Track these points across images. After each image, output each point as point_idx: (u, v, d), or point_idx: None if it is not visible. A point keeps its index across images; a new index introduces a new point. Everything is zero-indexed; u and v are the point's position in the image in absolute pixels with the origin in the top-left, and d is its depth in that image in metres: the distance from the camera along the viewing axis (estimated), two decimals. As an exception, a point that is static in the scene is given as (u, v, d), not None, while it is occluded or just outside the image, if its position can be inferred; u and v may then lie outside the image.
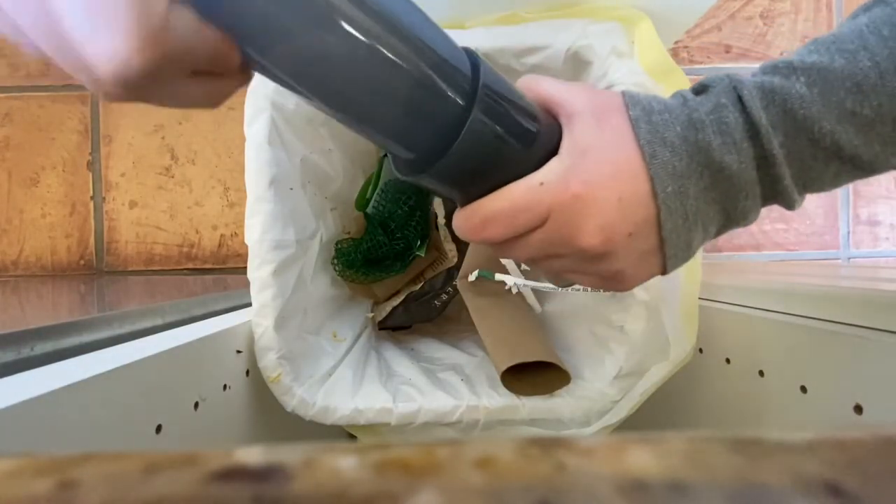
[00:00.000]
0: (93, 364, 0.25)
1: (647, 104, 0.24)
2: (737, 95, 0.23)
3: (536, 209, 0.23)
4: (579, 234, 0.23)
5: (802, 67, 0.23)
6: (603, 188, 0.23)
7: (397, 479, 0.07)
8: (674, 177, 0.23)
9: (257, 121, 0.39)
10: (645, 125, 0.23)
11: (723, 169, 0.23)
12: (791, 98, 0.23)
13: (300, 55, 0.19)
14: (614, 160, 0.23)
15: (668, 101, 0.25)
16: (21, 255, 0.81)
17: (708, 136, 0.23)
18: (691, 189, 0.23)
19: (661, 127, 0.23)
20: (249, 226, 0.39)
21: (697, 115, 0.23)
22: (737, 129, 0.23)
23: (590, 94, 0.25)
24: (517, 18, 0.42)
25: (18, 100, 0.81)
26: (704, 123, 0.23)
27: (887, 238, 0.87)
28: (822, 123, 0.22)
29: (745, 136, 0.23)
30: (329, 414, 0.40)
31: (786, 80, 0.23)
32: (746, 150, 0.23)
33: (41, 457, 0.08)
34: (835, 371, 0.33)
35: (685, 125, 0.23)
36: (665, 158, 0.23)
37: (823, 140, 0.23)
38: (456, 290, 0.57)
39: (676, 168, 0.23)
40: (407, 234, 0.58)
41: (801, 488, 0.07)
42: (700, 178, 0.23)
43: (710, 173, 0.23)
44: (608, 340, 0.43)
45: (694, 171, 0.23)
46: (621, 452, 0.08)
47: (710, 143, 0.23)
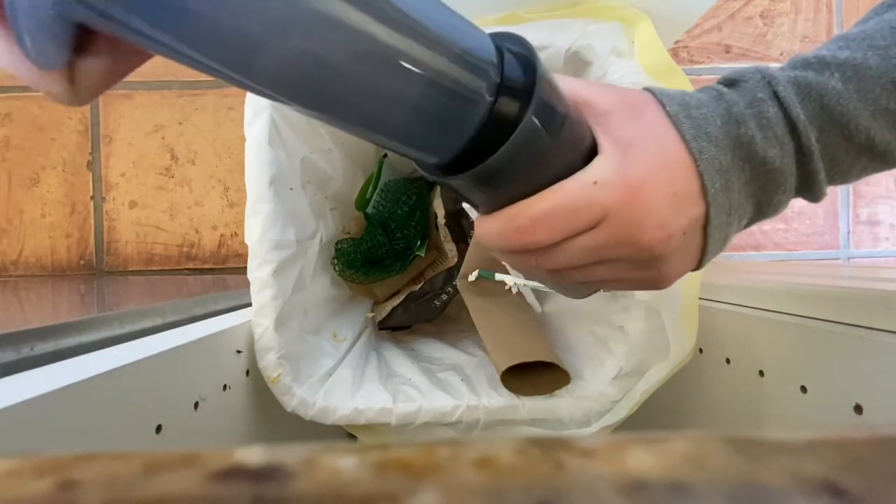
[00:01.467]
0: (93, 364, 0.25)
1: (681, 99, 0.23)
2: (772, 90, 0.23)
3: (593, 209, 0.22)
4: (641, 233, 0.22)
5: (836, 63, 0.23)
6: (657, 183, 0.22)
7: (397, 479, 0.07)
8: (720, 172, 0.23)
9: (257, 121, 0.39)
10: (686, 120, 0.23)
11: (766, 163, 0.23)
12: (827, 94, 0.23)
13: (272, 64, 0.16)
14: (662, 153, 0.22)
15: (700, 95, 0.24)
16: (21, 255, 0.81)
17: (751, 130, 0.23)
18: (735, 184, 0.23)
19: (703, 122, 0.23)
20: (249, 226, 0.39)
21: (738, 109, 0.23)
22: (778, 123, 0.23)
23: (616, 90, 0.24)
24: (517, 18, 0.42)
25: (18, 100, 0.81)
26: (745, 117, 0.23)
27: (887, 238, 0.87)
28: (858, 120, 0.23)
29: (786, 131, 0.23)
30: (329, 414, 0.40)
31: (820, 76, 0.23)
32: (788, 145, 0.23)
33: (41, 457, 0.08)
34: (835, 371, 0.33)
35: (725, 119, 0.23)
36: (711, 154, 0.22)
37: (858, 136, 0.23)
38: (456, 290, 0.57)
39: (722, 163, 0.23)
40: (407, 234, 0.58)
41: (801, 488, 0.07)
42: (742, 172, 0.23)
43: (752, 167, 0.23)
44: (608, 340, 0.43)
45: (737, 165, 0.23)
46: (621, 452, 0.08)
47: (753, 138, 0.23)
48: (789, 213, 0.86)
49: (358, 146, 0.55)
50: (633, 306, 0.40)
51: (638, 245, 0.22)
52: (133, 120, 0.82)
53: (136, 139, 0.82)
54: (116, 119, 0.82)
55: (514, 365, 0.41)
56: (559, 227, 0.22)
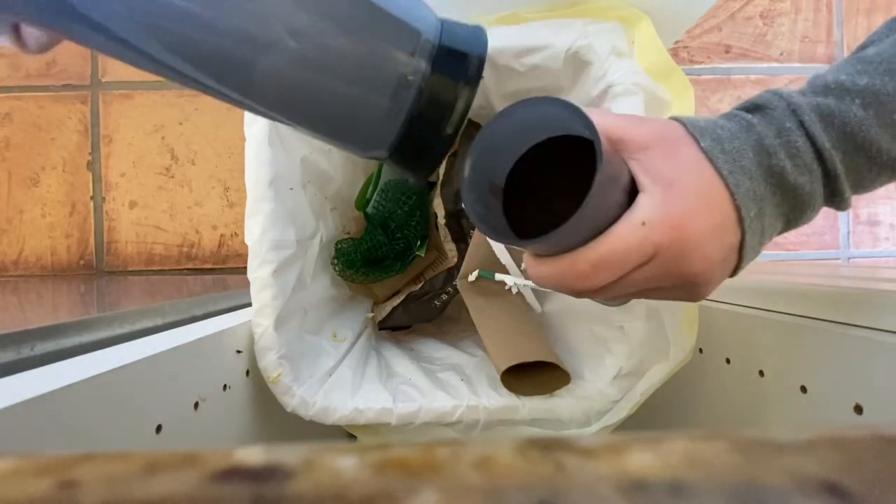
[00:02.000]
0: (93, 364, 0.25)
1: (713, 132, 0.25)
2: (798, 120, 0.25)
3: (644, 249, 0.23)
4: (688, 266, 0.24)
5: (856, 90, 0.24)
6: (700, 219, 0.24)
7: (397, 479, 0.07)
8: (755, 201, 0.24)
9: (257, 121, 0.39)
10: (720, 155, 0.24)
11: (796, 189, 0.25)
12: (850, 122, 0.24)
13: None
14: (700, 190, 0.24)
15: (729, 125, 0.25)
16: (21, 255, 0.81)
17: (782, 161, 0.24)
18: (767, 209, 0.25)
19: (737, 155, 0.24)
20: (249, 226, 0.39)
21: (769, 142, 0.24)
22: (806, 152, 0.24)
23: (649, 126, 0.25)
24: (517, 18, 0.42)
25: (18, 100, 0.81)
26: (776, 148, 0.24)
27: (887, 238, 0.87)
28: (879, 143, 0.24)
29: (814, 158, 0.25)
30: (329, 414, 0.40)
31: (841, 102, 0.24)
32: (816, 171, 0.25)
33: (41, 457, 0.08)
34: (835, 371, 0.33)
35: (756, 151, 0.25)
36: (747, 186, 0.24)
37: (880, 157, 0.25)
38: (456, 290, 0.57)
39: (756, 193, 0.24)
40: (407, 234, 0.58)
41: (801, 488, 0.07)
42: (773, 198, 0.25)
43: (783, 192, 0.25)
44: (608, 340, 0.43)
45: (769, 192, 0.25)
46: (621, 452, 0.08)
47: (785, 168, 0.24)
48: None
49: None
50: (633, 306, 0.40)
51: (684, 276, 0.25)
52: (133, 120, 0.82)
53: (136, 139, 0.82)
54: (116, 119, 0.82)
55: (514, 365, 0.41)
56: (615, 269, 0.24)
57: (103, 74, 0.82)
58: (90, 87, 0.82)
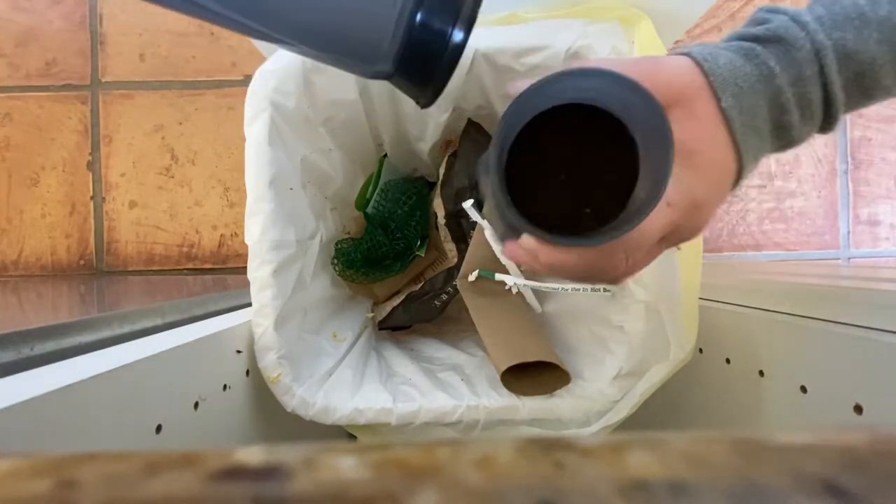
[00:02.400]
0: (93, 364, 0.25)
1: (734, 84, 0.24)
2: (819, 65, 0.24)
3: (667, 226, 0.24)
4: (700, 229, 0.25)
5: (876, 21, 0.23)
6: (715, 192, 0.25)
7: (397, 479, 0.07)
8: (756, 156, 0.25)
9: (257, 121, 0.39)
10: (738, 116, 0.24)
11: (796, 136, 0.25)
12: (864, 62, 0.24)
13: None
14: (717, 162, 0.24)
15: (749, 70, 0.24)
16: (21, 255, 0.81)
17: (792, 115, 0.25)
18: (765, 152, 0.26)
19: (752, 114, 0.24)
20: (249, 226, 0.39)
21: (785, 97, 0.24)
22: (817, 105, 0.25)
23: (666, 75, 0.24)
24: (517, 18, 0.42)
25: (18, 100, 0.81)
26: (790, 103, 0.24)
27: (887, 238, 0.87)
28: (884, 82, 0.24)
29: (822, 108, 0.25)
30: (329, 414, 0.39)
31: (859, 38, 0.24)
32: (818, 118, 0.25)
33: (41, 457, 0.08)
34: (835, 371, 0.33)
35: (771, 105, 0.24)
36: (754, 146, 0.25)
37: (879, 94, 0.25)
38: (456, 290, 0.57)
39: (760, 150, 0.25)
40: (407, 234, 0.58)
41: (801, 488, 0.07)
42: (772, 143, 0.26)
43: (782, 139, 0.26)
44: (608, 340, 0.43)
45: (770, 141, 0.25)
46: (621, 452, 0.08)
47: (793, 123, 0.25)
48: (789, 213, 0.86)
49: (358, 146, 0.55)
50: (633, 306, 0.40)
51: (692, 234, 0.26)
52: (133, 120, 0.82)
53: (136, 139, 0.82)
54: (116, 119, 0.82)
55: (514, 365, 0.41)
56: (643, 251, 0.25)
57: (103, 74, 0.82)
58: (90, 87, 0.82)
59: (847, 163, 0.86)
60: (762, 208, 0.86)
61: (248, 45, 0.80)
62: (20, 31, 0.82)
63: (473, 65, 0.42)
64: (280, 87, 0.39)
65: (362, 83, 0.44)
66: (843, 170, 0.86)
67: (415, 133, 0.54)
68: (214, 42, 0.82)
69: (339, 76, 0.42)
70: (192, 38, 0.82)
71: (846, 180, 0.86)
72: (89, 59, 0.82)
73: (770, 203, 0.86)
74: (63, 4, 0.82)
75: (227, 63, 0.82)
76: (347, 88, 0.43)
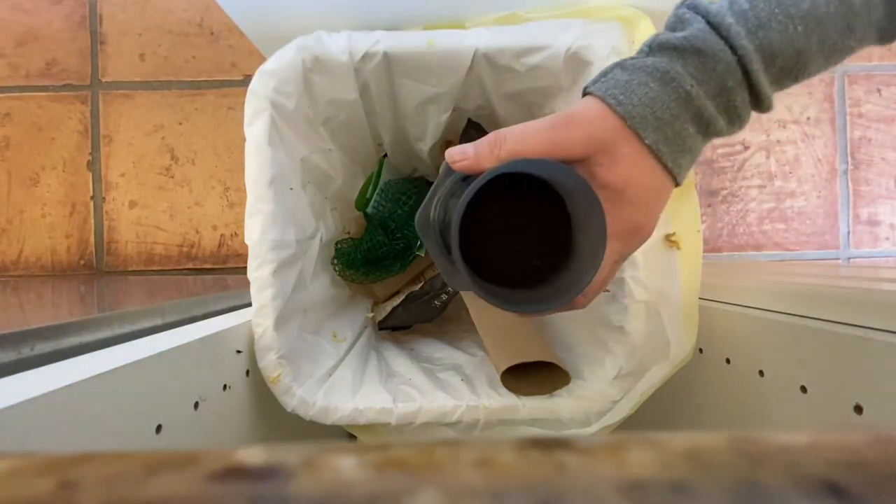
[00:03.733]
0: (93, 364, 0.25)
1: (654, 120, 0.24)
2: (743, 70, 0.24)
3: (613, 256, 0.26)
4: (645, 240, 0.27)
5: (799, 17, 0.23)
6: (653, 212, 0.26)
7: (397, 479, 0.07)
8: (692, 162, 0.26)
9: (257, 121, 0.39)
10: (665, 147, 0.24)
11: (727, 133, 0.26)
12: (790, 56, 0.24)
13: None
14: (651, 188, 0.25)
15: (666, 97, 0.24)
16: (21, 255, 0.81)
17: (719, 126, 0.25)
18: (696, 154, 0.26)
19: (678, 140, 0.25)
20: (249, 226, 0.39)
21: (708, 113, 0.24)
22: (744, 106, 0.25)
23: (580, 130, 0.25)
24: (517, 18, 0.42)
25: (18, 100, 0.81)
26: (715, 115, 0.25)
27: (887, 238, 0.87)
28: (812, 68, 0.24)
29: (748, 106, 0.25)
30: (329, 414, 0.40)
31: (783, 35, 0.23)
32: (748, 114, 0.25)
33: (41, 457, 0.08)
34: (835, 371, 0.33)
35: (697, 123, 0.25)
36: (688, 160, 0.26)
37: (808, 76, 0.25)
38: (456, 290, 0.57)
39: (694, 158, 0.26)
40: (407, 234, 0.58)
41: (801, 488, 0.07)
42: (703, 143, 0.26)
43: (716, 136, 0.26)
44: (608, 340, 0.43)
45: (701, 143, 0.26)
46: (621, 452, 0.08)
47: (721, 129, 0.25)
48: (789, 213, 0.86)
49: (358, 146, 0.55)
50: (633, 306, 0.40)
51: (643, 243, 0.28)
52: (133, 120, 0.82)
53: (136, 139, 0.82)
54: (116, 119, 0.82)
55: (514, 365, 0.41)
56: (598, 285, 0.27)
57: (103, 74, 0.82)
58: (90, 87, 0.82)
59: (847, 163, 0.86)
60: (762, 208, 0.86)
61: (248, 45, 0.80)
62: (20, 31, 0.82)
63: (473, 65, 0.42)
64: (280, 87, 0.39)
65: (362, 83, 0.44)
66: (843, 170, 0.86)
67: (415, 133, 0.54)
68: (214, 42, 0.82)
69: (339, 76, 0.42)
70: (192, 38, 0.82)
71: (846, 180, 0.86)
72: (89, 59, 0.82)
73: (770, 203, 0.86)
74: (63, 4, 0.82)
75: (227, 63, 0.82)
76: (347, 88, 0.43)
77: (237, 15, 0.45)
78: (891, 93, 0.86)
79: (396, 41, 0.41)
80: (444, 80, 0.44)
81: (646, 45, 0.26)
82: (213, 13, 0.82)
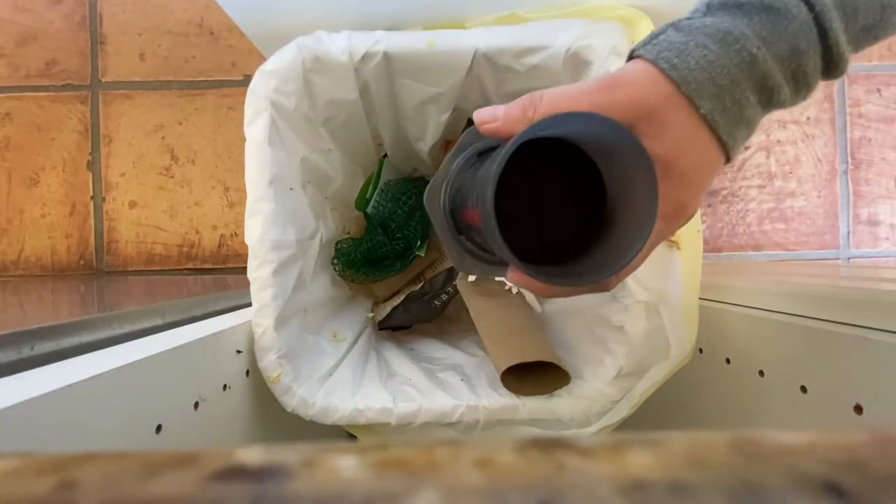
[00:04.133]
0: (93, 364, 0.25)
1: (711, 86, 0.21)
2: (820, 29, 0.21)
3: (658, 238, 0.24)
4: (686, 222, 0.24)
5: None
6: (701, 188, 0.23)
7: (397, 479, 0.07)
8: (747, 138, 0.23)
9: (257, 121, 0.39)
10: (721, 117, 0.21)
11: (790, 104, 0.23)
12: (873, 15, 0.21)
13: None
14: (701, 163, 0.22)
15: (730, 61, 0.21)
16: (21, 255, 0.81)
17: (783, 95, 0.22)
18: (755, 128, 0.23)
19: (737, 110, 0.22)
20: (249, 226, 0.39)
21: (774, 80, 0.21)
22: (814, 73, 0.22)
23: (625, 92, 0.22)
24: (517, 18, 0.42)
25: (18, 100, 0.81)
26: (780, 84, 0.22)
27: (887, 238, 0.87)
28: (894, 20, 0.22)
29: (819, 72, 0.22)
30: (329, 414, 0.39)
31: None
32: (816, 81, 0.22)
33: (41, 457, 0.08)
34: (835, 371, 0.33)
35: (760, 91, 0.22)
36: (742, 135, 0.23)
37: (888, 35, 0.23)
38: (456, 290, 0.57)
39: (751, 132, 0.23)
40: (407, 234, 0.58)
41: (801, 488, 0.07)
42: (764, 114, 0.23)
43: (776, 107, 0.23)
44: (608, 340, 0.43)
45: (763, 115, 0.23)
46: (621, 452, 0.08)
47: (784, 100, 0.22)
48: (789, 213, 0.86)
49: (358, 146, 0.55)
50: (633, 306, 0.40)
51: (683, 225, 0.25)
52: (133, 120, 0.82)
53: (136, 139, 0.82)
54: (116, 119, 0.82)
55: (514, 365, 0.41)
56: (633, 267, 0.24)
57: (103, 74, 0.82)
58: (90, 87, 0.82)
59: (847, 163, 0.86)
60: (762, 208, 0.86)
61: (248, 45, 0.80)
62: (20, 31, 0.82)
63: (473, 65, 0.42)
64: (280, 87, 0.39)
65: (362, 83, 0.44)
66: (843, 170, 0.86)
67: (415, 133, 0.54)
68: (214, 42, 0.82)
69: (339, 76, 0.42)
70: (192, 38, 0.82)
71: (846, 180, 0.86)
72: (89, 59, 0.82)
73: (770, 203, 0.86)
74: (63, 4, 0.82)
75: (227, 63, 0.82)
76: (347, 88, 0.43)
77: (237, 15, 0.45)
78: (891, 93, 0.86)
79: (396, 41, 0.41)
80: (444, 80, 0.44)
81: (702, 3, 0.23)
82: (213, 13, 0.82)
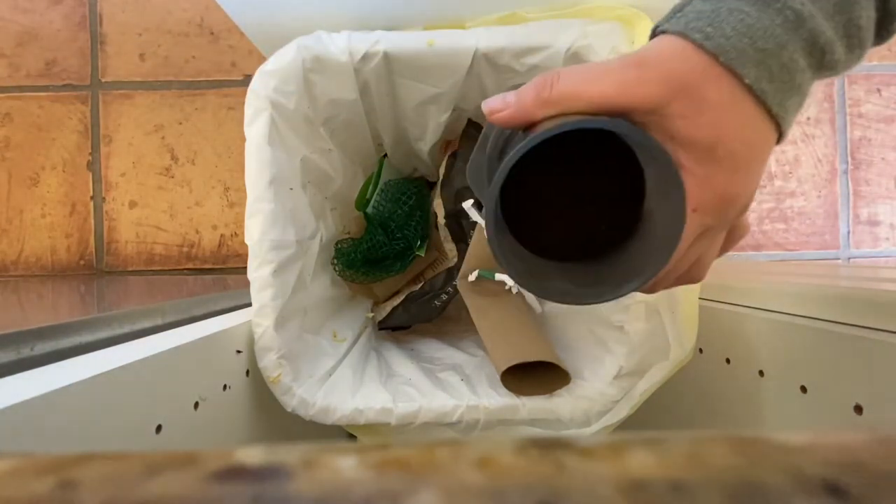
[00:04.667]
0: (93, 364, 0.25)
1: (754, 52, 0.19)
2: None
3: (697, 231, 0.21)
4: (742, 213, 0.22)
5: None
6: (751, 175, 0.20)
7: (397, 479, 0.07)
8: (801, 105, 0.20)
9: (257, 121, 0.39)
10: (769, 85, 0.19)
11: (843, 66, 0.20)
12: None
13: None
14: (749, 140, 0.20)
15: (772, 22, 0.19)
16: (21, 255, 0.81)
17: (837, 54, 0.19)
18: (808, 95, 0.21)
19: (787, 76, 0.19)
20: (249, 226, 0.39)
21: (825, 39, 0.19)
22: (868, 28, 0.20)
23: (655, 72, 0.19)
24: (517, 18, 0.42)
25: (18, 100, 0.81)
26: (832, 42, 0.19)
27: (887, 238, 0.87)
28: None
29: (872, 28, 0.20)
30: (329, 414, 0.40)
31: None
32: (870, 36, 0.20)
33: (41, 457, 0.08)
34: (835, 371, 0.33)
35: (808, 51, 0.19)
36: (794, 104, 0.20)
37: None
38: (456, 290, 0.57)
39: (804, 98, 0.20)
40: (407, 234, 0.58)
41: (801, 488, 0.07)
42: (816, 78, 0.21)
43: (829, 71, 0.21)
44: (608, 340, 0.43)
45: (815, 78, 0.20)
46: (621, 452, 0.08)
47: (838, 61, 0.20)
48: (789, 213, 0.86)
49: (358, 146, 0.55)
50: (633, 306, 0.40)
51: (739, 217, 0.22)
52: (133, 120, 0.82)
53: (136, 139, 0.82)
54: (116, 119, 0.82)
55: (514, 365, 0.41)
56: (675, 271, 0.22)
57: (103, 74, 0.82)
58: (90, 87, 0.82)
59: (847, 163, 0.86)
60: (762, 208, 0.86)
61: (248, 45, 0.80)
62: (20, 31, 0.82)
63: (473, 65, 0.42)
64: (280, 87, 0.39)
65: (362, 83, 0.44)
66: (843, 170, 0.86)
67: (415, 133, 0.54)
68: (214, 42, 0.82)
69: (339, 76, 0.42)
70: (192, 38, 0.82)
71: (846, 180, 0.86)
72: (89, 59, 0.82)
73: (770, 203, 0.86)
74: (63, 4, 0.82)
75: (227, 63, 0.82)
76: (347, 88, 0.43)
77: (237, 15, 0.45)
78: (891, 93, 0.86)
79: (396, 41, 0.41)
80: (444, 80, 0.44)
81: None
82: (213, 13, 0.82)
